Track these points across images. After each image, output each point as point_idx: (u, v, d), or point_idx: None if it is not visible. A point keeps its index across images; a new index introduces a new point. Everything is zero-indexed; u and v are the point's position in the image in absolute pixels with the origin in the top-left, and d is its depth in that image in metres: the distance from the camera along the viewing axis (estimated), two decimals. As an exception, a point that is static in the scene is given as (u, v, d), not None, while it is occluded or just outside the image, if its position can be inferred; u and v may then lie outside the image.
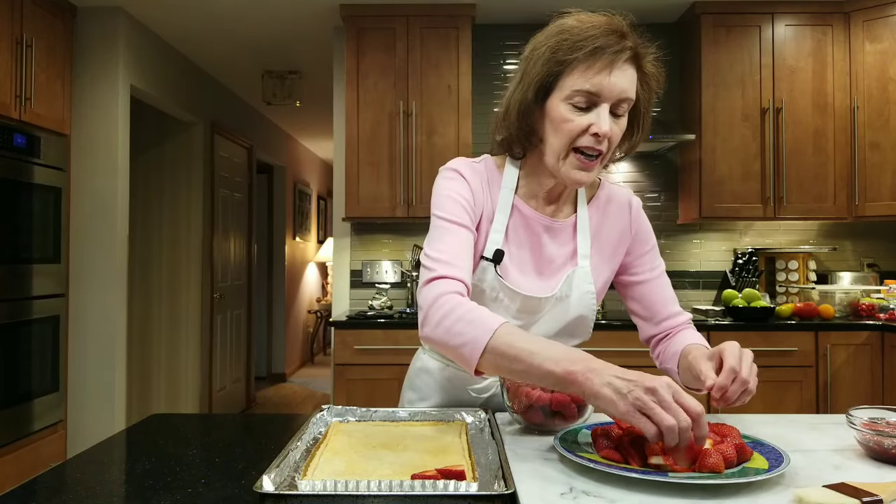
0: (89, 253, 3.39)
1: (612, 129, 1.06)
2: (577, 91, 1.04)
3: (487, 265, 1.16)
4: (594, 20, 1.06)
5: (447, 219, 1.12)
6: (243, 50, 4.12)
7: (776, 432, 1.05)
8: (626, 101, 1.06)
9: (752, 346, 2.93)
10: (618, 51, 1.03)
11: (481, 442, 0.99)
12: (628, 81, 1.05)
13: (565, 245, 1.20)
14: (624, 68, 1.04)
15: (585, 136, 1.05)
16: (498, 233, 1.17)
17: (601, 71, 1.03)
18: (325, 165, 8.61)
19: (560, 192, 1.20)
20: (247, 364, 5.43)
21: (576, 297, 1.18)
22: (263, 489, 0.77)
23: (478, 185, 1.18)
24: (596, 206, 1.24)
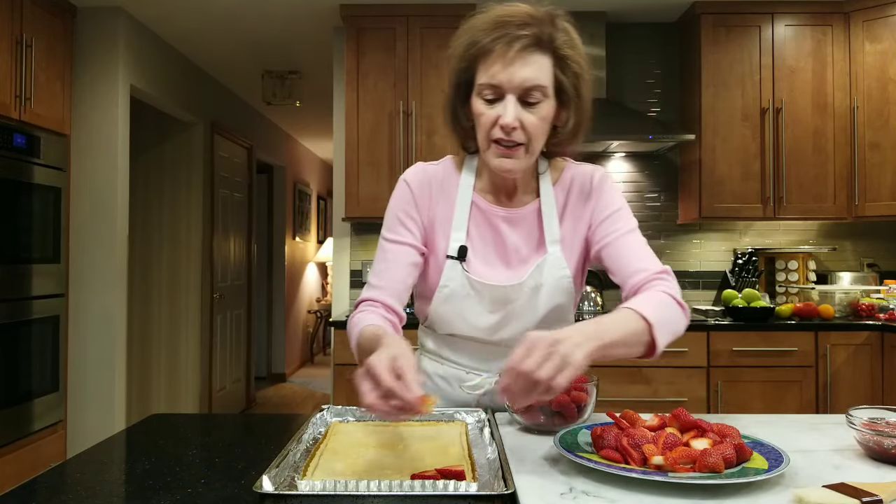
0: (89, 253, 3.39)
1: (525, 118, 1.06)
2: (483, 85, 1.08)
3: (453, 263, 1.18)
4: (500, 11, 1.08)
5: (387, 238, 1.21)
6: (243, 50, 4.12)
7: (776, 432, 1.05)
8: (535, 89, 1.06)
9: (751, 347, 2.95)
10: (512, 39, 1.04)
11: (481, 442, 0.99)
12: (533, 70, 1.05)
13: (529, 233, 1.21)
14: (524, 57, 1.05)
15: (496, 127, 1.08)
16: (459, 231, 1.19)
17: (497, 62, 1.05)
18: (325, 165, 8.61)
19: (512, 183, 1.20)
20: (247, 364, 5.43)
21: (550, 285, 1.18)
22: (263, 489, 0.77)
23: (425, 192, 1.22)
24: (561, 189, 1.22)
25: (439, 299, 1.20)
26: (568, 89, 1.09)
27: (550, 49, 1.07)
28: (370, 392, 0.82)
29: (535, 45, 1.06)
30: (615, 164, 3.69)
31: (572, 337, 0.86)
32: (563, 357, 0.83)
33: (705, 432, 0.88)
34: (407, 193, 1.22)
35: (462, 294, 1.19)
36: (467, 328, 1.22)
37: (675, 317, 1.06)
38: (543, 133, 1.11)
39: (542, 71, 1.06)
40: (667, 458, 0.81)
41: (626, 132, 3.23)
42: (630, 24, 3.64)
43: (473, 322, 1.21)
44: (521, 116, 1.06)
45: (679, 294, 1.09)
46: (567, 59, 1.08)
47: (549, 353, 0.83)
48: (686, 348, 2.96)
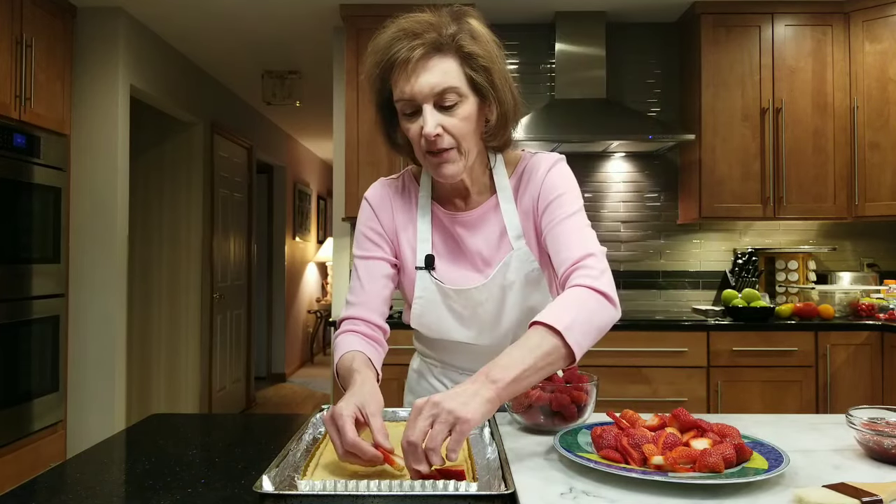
0: (89, 253, 3.39)
1: (446, 122, 1.05)
2: (398, 101, 1.08)
3: (423, 273, 1.19)
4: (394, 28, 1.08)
5: (358, 255, 1.22)
6: (243, 50, 4.12)
7: (776, 432, 1.05)
8: (447, 92, 1.04)
9: (751, 346, 2.95)
10: (406, 56, 1.03)
11: (481, 442, 0.99)
12: (437, 75, 1.04)
13: (489, 232, 1.19)
14: (425, 65, 1.04)
15: (422, 139, 1.07)
16: (424, 241, 1.20)
17: (401, 76, 1.05)
18: (325, 165, 8.62)
19: (461, 186, 1.18)
20: (247, 364, 5.43)
21: (521, 281, 1.16)
22: (263, 489, 0.77)
23: (385, 205, 1.23)
24: (515, 179, 1.20)
25: (417, 309, 1.21)
26: (481, 84, 1.07)
27: (453, 49, 1.05)
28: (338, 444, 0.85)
29: (435, 50, 1.04)
30: (615, 164, 3.69)
31: (463, 391, 0.84)
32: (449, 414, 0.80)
33: (705, 432, 0.88)
34: (368, 211, 1.23)
35: (436, 301, 1.19)
36: (449, 333, 1.22)
37: (592, 311, 0.98)
38: (471, 132, 1.08)
39: (448, 73, 1.04)
40: (667, 458, 0.81)
41: (626, 132, 3.23)
42: (630, 24, 3.64)
43: (452, 328, 1.21)
44: (442, 122, 1.05)
45: (602, 280, 1.01)
46: (472, 55, 1.05)
47: (434, 415, 0.81)
48: (686, 348, 2.96)
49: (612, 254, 3.65)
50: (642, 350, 2.95)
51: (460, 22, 1.07)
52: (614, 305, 1.01)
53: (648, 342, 2.96)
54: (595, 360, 2.91)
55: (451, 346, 1.26)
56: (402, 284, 1.24)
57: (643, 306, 3.61)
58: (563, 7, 3.41)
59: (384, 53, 1.06)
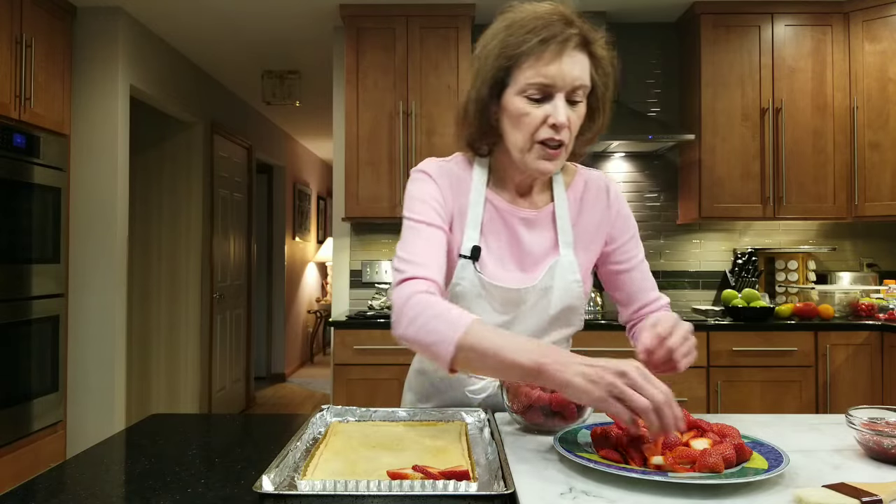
0: (89, 253, 3.39)
1: (570, 117, 1.06)
2: (531, 84, 1.04)
3: (466, 262, 1.16)
4: (538, 10, 1.06)
5: (417, 220, 1.13)
6: (243, 50, 4.12)
7: (776, 432, 1.05)
8: (580, 88, 1.06)
9: (751, 347, 2.95)
10: (565, 38, 1.03)
11: (481, 442, 0.99)
12: (580, 68, 1.05)
13: (544, 235, 1.20)
14: (573, 55, 1.04)
15: (544, 127, 1.06)
16: (473, 229, 1.17)
17: (551, 61, 1.03)
18: (325, 165, 8.61)
19: (530, 183, 1.19)
20: (246, 364, 5.43)
21: (560, 288, 1.17)
22: (263, 489, 0.77)
23: (446, 184, 1.18)
24: (573, 193, 1.22)
25: (449, 298, 1.17)
26: (599, 90, 1.10)
27: (590, 49, 1.07)
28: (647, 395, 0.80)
29: (583, 44, 1.05)
30: (615, 164, 3.69)
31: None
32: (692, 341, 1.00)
33: (705, 432, 0.88)
34: (431, 184, 1.17)
35: (473, 294, 1.17)
36: None
37: None
38: (576, 133, 1.10)
39: (586, 70, 1.06)
40: (667, 458, 0.81)
41: (626, 132, 3.23)
42: (630, 24, 3.64)
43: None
44: (568, 115, 1.05)
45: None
46: (602, 60, 1.08)
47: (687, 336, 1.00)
48: (686, 348, 2.95)
49: (612, 254, 3.64)
50: (642, 350, 2.94)
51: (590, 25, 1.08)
52: None
53: (648, 342, 2.95)
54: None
55: None
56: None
57: (643, 306, 3.60)
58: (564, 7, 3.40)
59: (534, 32, 1.03)
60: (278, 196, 6.62)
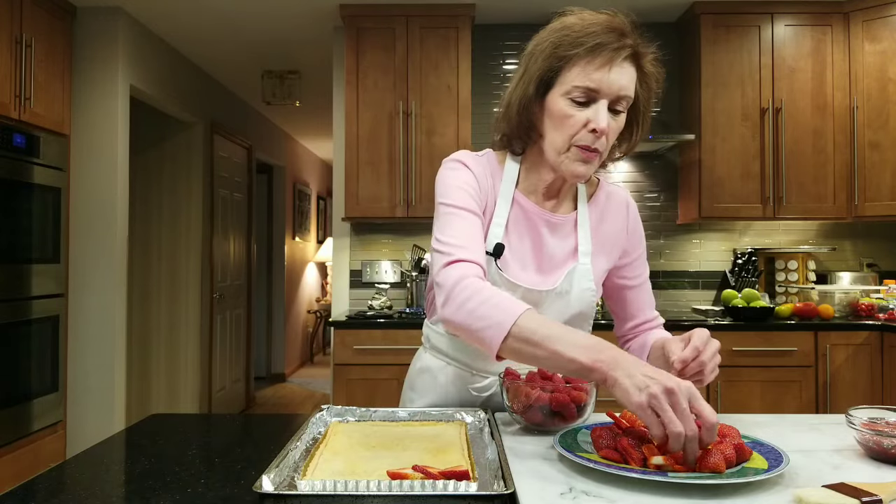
0: (89, 253, 3.39)
1: (610, 125, 1.07)
2: (577, 87, 1.06)
3: (489, 259, 1.16)
4: (596, 18, 1.08)
5: (456, 205, 1.13)
6: (243, 50, 4.12)
7: (776, 432, 1.05)
8: (624, 99, 1.07)
9: (751, 347, 2.95)
10: (618, 48, 1.05)
11: (481, 442, 0.99)
12: (627, 79, 1.07)
13: (566, 241, 1.21)
14: (623, 66, 1.06)
15: (584, 131, 1.07)
16: (499, 226, 1.18)
17: (601, 67, 1.04)
18: (325, 165, 8.61)
19: (559, 187, 1.20)
20: (246, 364, 5.43)
21: (576, 293, 1.19)
22: (263, 489, 0.77)
23: (482, 175, 1.19)
24: (596, 204, 1.25)
25: None
26: (641, 104, 1.12)
27: (638, 63, 1.09)
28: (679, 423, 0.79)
29: (633, 56, 1.08)
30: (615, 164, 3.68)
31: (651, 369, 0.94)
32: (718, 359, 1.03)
33: (705, 432, 0.88)
34: (467, 172, 1.17)
35: None
36: None
37: None
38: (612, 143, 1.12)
39: (632, 82, 1.08)
40: (667, 458, 0.81)
41: (625, 132, 3.22)
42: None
43: None
44: (609, 123, 1.07)
45: None
46: (649, 75, 1.11)
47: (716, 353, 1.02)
48: (686, 348, 2.95)
49: (612, 254, 3.65)
50: (642, 350, 2.95)
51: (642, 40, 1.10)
52: None
53: (648, 342, 2.95)
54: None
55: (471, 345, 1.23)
56: None
57: (643, 306, 3.60)
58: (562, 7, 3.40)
59: (589, 37, 1.05)
60: (278, 196, 6.62)
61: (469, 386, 1.26)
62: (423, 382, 1.32)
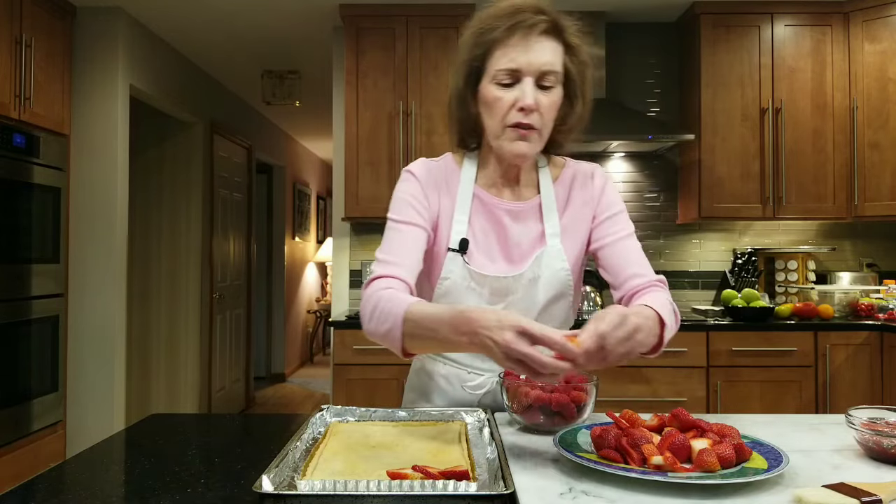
0: (89, 253, 3.39)
1: (540, 101, 1.08)
2: (500, 70, 1.09)
3: (455, 255, 1.19)
4: (511, 3, 1.10)
5: (395, 219, 1.19)
6: (243, 50, 4.12)
7: (775, 432, 1.05)
8: (550, 74, 1.09)
9: (751, 347, 2.95)
10: (532, 24, 1.07)
11: (481, 442, 0.99)
12: (550, 54, 1.08)
13: (531, 227, 1.22)
14: (541, 41, 1.08)
15: (513, 111, 1.09)
16: (461, 223, 1.20)
17: (517, 46, 1.07)
18: (325, 165, 8.61)
19: (516, 174, 1.21)
20: (246, 364, 5.43)
21: (548, 277, 1.19)
22: (263, 489, 0.77)
23: (431, 183, 1.22)
24: (562, 185, 1.25)
25: (439, 292, 1.20)
26: (575, 77, 1.13)
27: (562, 37, 1.10)
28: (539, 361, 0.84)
29: (552, 31, 1.09)
30: (615, 164, 3.69)
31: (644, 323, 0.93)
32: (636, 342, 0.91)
33: (705, 432, 0.88)
34: (415, 183, 1.21)
35: (462, 286, 1.19)
36: None
37: (674, 323, 1.11)
38: (552, 120, 1.13)
39: (557, 56, 1.09)
40: (667, 458, 0.81)
41: (625, 132, 3.23)
42: (630, 24, 3.64)
43: None
44: (538, 99, 1.08)
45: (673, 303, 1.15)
46: (576, 47, 1.12)
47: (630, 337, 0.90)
48: (685, 348, 2.96)
49: (612, 254, 3.65)
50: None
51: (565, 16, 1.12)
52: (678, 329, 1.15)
53: (648, 342, 2.95)
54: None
55: None
56: (428, 266, 1.22)
57: (643, 306, 3.60)
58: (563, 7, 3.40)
59: (503, 21, 1.07)
60: (278, 196, 6.62)
61: (464, 384, 1.26)
62: (422, 383, 1.33)
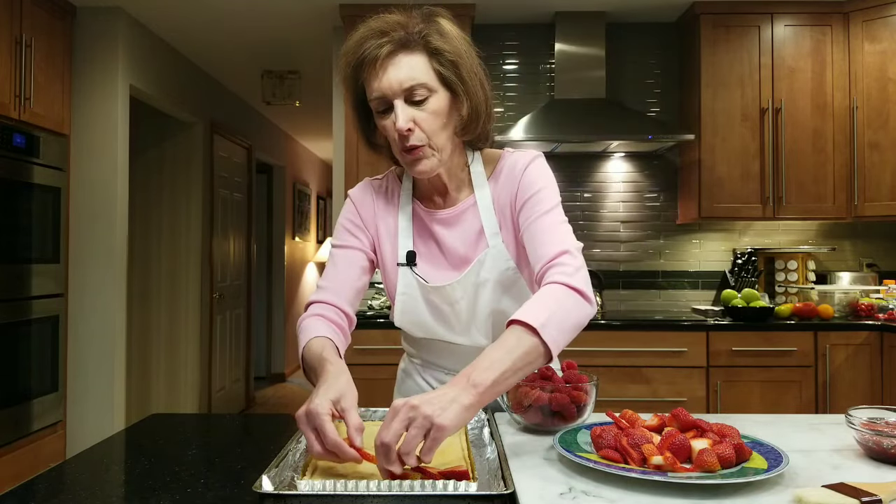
0: (89, 253, 3.39)
1: (416, 116, 1.07)
2: (371, 101, 1.10)
3: (405, 269, 1.20)
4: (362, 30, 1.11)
5: (333, 244, 1.24)
6: (243, 50, 4.12)
7: (776, 432, 1.05)
8: (414, 87, 1.06)
9: (751, 346, 2.95)
10: (375, 52, 1.06)
11: (481, 442, 0.99)
12: (405, 70, 1.06)
13: (467, 230, 1.20)
14: (394, 62, 1.06)
15: (397, 136, 1.08)
16: (406, 238, 1.22)
17: (372, 76, 1.08)
18: (325, 165, 8.61)
19: (440, 184, 1.20)
20: (246, 364, 5.43)
21: (495, 277, 1.17)
22: (263, 489, 0.77)
23: (368, 202, 1.25)
24: (494, 180, 1.21)
25: (399, 307, 1.22)
26: (449, 78, 1.09)
27: (421, 45, 1.08)
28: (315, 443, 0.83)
29: (402, 47, 1.07)
30: (615, 164, 3.69)
31: (442, 396, 0.83)
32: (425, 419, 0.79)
33: (705, 432, 0.88)
34: (349, 205, 1.26)
35: (417, 298, 1.20)
36: (430, 331, 1.23)
37: (568, 309, 0.98)
38: (442, 127, 1.10)
39: (416, 69, 1.07)
40: (667, 458, 0.81)
41: (625, 132, 3.23)
42: (630, 24, 3.64)
43: (432, 325, 1.22)
44: (414, 116, 1.07)
45: (577, 276, 1.02)
46: (439, 50, 1.08)
47: (410, 418, 0.79)
48: (685, 348, 2.96)
49: (612, 254, 3.65)
50: (642, 350, 2.95)
51: (429, 21, 1.10)
52: (590, 302, 1.02)
53: (648, 342, 2.96)
54: (595, 360, 2.92)
55: (433, 345, 1.26)
56: (386, 283, 1.25)
57: (643, 306, 3.61)
58: (563, 7, 3.41)
59: (354, 53, 1.09)
60: (278, 196, 6.62)
61: None
62: (408, 387, 1.35)
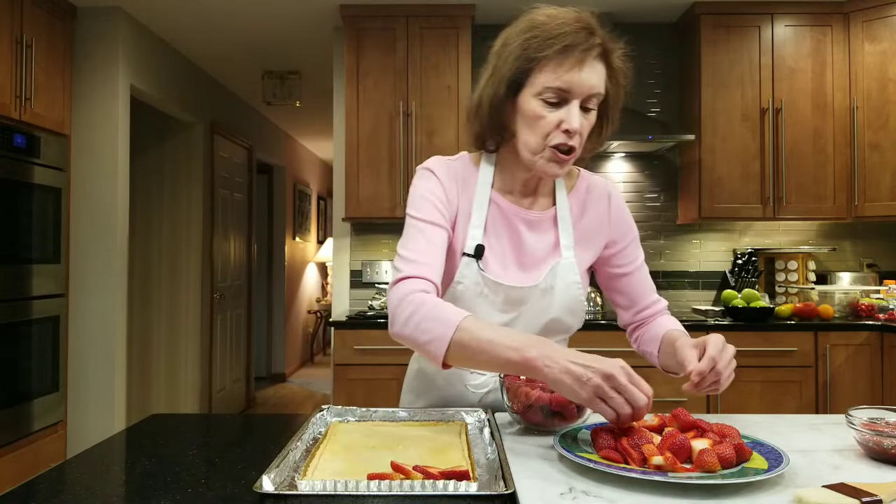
0: (89, 253, 3.39)
1: (583, 123, 1.08)
2: (549, 88, 1.06)
3: (469, 261, 1.17)
4: (564, 16, 1.07)
5: (419, 218, 1.15)
6: (243, 50, 4.12)
7: (776, 432, 1.05)
8: (595, 97, 1.08)
9: (751, 347, 2.95)
10: (587, 48, 1.05)
11: (481, 442, 0.99)
12: (598, 77, 1.07)
13: (545, 236, 1.21)
14: (593, 64, 1.06)
15: (557, 132, 1.07)
16: (477, 228, 1.18)
17: (571, 68, 1.04)
18: (325, 165, 8.61)
19: (536, 184, 1.21)
20: (246, 364, 5.43)
21: (561, 289, 1.19)
22: (263, 489, 0.77)
23: (451, 183, 1.19)
24: (576, 197, 1.24)
25: (450, 296, 1.18)
26: (611, 99, 1.12)
27: (607, 59, 1.09)
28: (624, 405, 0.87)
29: (603, 53, 1.07)
30: (615, 164, 3.69)
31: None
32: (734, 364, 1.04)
33: (705, 432, 0.88)
34: (436, 183, 1.18)
35: (475, 292, 1.17)
36: None
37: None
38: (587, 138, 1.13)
39: (602, 80, 1.08)
40: (667, 458, 0.81)
41: (626, 132, 3.23)
42: (630, 24, 3.64)
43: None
44: (581, 122, 1.07)
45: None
46: (617, 71, 1.10)
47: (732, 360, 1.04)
48: (686, 348, 2.95)
49: (612, 254, 3.65)
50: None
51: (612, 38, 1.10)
52: None
53: (648, 342, 2.95)
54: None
55: None
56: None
57: (643, 306, 3.60)
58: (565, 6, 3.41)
59: (558, 38, 1.04)
60: (278, 196, 6.62)
61: (466, 383, 1.26)
62: (421, 384, 1.33)
